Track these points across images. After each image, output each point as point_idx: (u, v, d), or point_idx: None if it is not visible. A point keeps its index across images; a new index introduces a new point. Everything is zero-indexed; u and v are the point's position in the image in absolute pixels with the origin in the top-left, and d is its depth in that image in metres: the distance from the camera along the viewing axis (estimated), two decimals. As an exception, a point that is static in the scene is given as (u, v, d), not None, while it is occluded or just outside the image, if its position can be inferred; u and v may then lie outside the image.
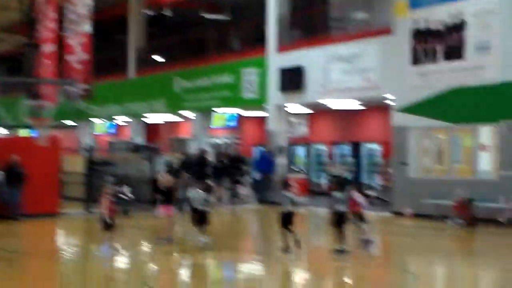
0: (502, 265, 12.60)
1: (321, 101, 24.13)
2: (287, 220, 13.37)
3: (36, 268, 13.29)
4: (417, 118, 20.03)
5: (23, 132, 35.35)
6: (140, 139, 32.41)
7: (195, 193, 14.90)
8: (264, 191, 24.54)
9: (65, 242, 17.23)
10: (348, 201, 13.02)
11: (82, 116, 33.48)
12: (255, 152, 26.55)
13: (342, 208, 13.01)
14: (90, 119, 35.88)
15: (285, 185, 13.81)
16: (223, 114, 29.43)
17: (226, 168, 24.86)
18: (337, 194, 13.16)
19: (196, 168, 24.51)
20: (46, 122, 21.43)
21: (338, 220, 13.01)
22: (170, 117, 34.30)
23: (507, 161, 17.90)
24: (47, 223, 20.09)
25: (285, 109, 25.64)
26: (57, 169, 22.44)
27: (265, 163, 24.58)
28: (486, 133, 19.01)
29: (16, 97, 35.48)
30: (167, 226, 15.43)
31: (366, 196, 22.79)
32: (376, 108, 26.40)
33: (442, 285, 11.55)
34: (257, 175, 25.14)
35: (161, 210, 15.45)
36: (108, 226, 13.92)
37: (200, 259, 13.46)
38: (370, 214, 20.50)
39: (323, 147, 28.41)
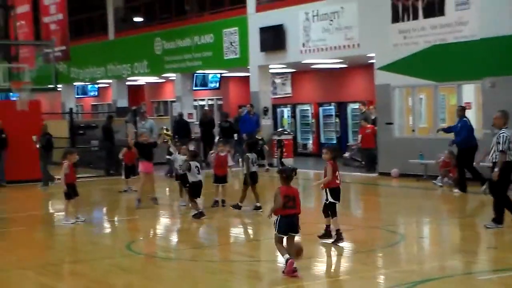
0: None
1: (304, 60, 24.08)
2: (253, 180, 14.44)
3: (20, 234, 13.32)
4: (401, 76, 20.05)
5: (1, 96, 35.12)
6: (123, 102, 32.23)
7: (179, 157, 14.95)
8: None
9: (49, 208, 17.26)
10: None
11: (63, 79, 33.18)
12: (239, 113, 26.48)
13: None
14: (71, 82, 35.60)
15: (250, 146, 14.85)
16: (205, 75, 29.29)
17: (232, 128, 24.94)
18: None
19: (204, 129, 24.78)
20: (26, 86, 21.23)
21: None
22: (152, 79, 34.16)
23: (490, 119, 17.98)
24: (30, 189, 20.10)
25: (268, 69, 25.57)
26: (39, 134, 22.40)
27: (250, 125, 24.57)
28: (469, 91, 19.09)
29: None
30: (148, 184, 15.42)
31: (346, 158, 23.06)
32: (359, 67, 26.42)
33: (427, 244, 11.69)
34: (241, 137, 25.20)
35: (140, 167, 15.49)
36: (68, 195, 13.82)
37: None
38: (357, 175, 20.83)
39: (307, 107, 28.44)
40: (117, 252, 11.33)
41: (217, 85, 29.70)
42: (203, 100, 33.92)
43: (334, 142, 26.93)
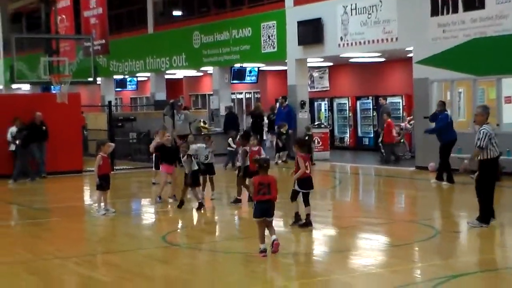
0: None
1: (341, 54, 23.95)
2: (247, 174, 14.17)
3: (58, 225, 13.51)
4: (439, 70, 19.83)
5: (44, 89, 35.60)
6: (161, 95, 32.45)
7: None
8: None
9: (90, 200, 17.44)
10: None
11: (102, 72, 33.49)
12: (274, 107, 26.50)
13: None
14: (110, 75, 35.90)
15: (244, 138, 14.76)
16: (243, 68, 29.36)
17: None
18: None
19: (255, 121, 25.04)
20: (66, 79, 21.49)
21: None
22: (191, 73, 34.29)
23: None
24: (69, 181, 20.36)
25: (306, 63, 25.50)
26: (79, 126, 22.72)
27: (280, 117, 24.58)
28: (509, 84, 18.79)
29: (35, 55, 35.61)
30: (172, 185, 15.44)
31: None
32: (398, 60, 26.20)
33: (463, 239, 11.56)
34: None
35: (162, 168, 15.54)
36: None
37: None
38: (393, 169, 20.70)
39: (345, 101, 28.30)
40: (152, 243, 11.41)
41: (255, 78, 29.72)
42: (240, 93, 33.99)
43: (371, 135, 26.80)
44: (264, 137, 27.19)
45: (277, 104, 26.06)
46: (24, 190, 18.78)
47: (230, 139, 21.28)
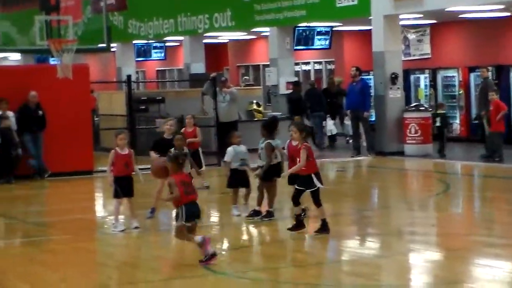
0: None
1: (448, 8, 23.77)
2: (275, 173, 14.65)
3: (64, 245, 13.72)
4: None
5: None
6: (198, 67, 32.67)
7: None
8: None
9: (103, 211, 17.67)
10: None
11: (118, 36, 33.86)
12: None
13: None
14: (129, 39, 36.25)
15: (269, 129, 14.69)
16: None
17: None
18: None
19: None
20: (70, 45, 21.65)
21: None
22: (238, 35, 34.40)
23: None
24: (78, 185, 20.62)
25: (398, 21, 25.36)
26: (89, 111, 22.89)
27: (353, 97, 24.89)
28: None
29: (26, 11, 36.14)
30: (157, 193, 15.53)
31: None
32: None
33: None
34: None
35: None
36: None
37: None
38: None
39: (454, 73, 28.08)
40: (188, 270, 11.52)
41: (327, 43, 29.68)
42: (307, 63, 34.02)
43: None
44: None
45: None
46: (15, 198, 19.13)
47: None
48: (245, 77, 35.46)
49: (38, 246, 13.62)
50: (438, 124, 23.68)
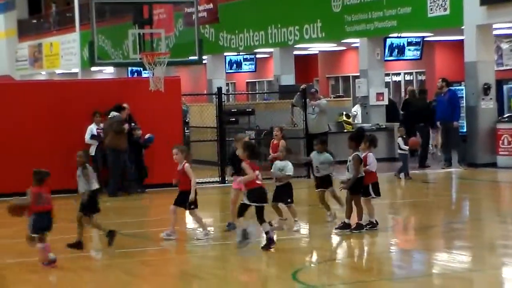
0: None
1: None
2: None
3: (158, 256, 13.88)
4: None
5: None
6: (288, 78, 32.74)
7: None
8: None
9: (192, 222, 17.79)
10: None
11: (209, 49, 34.12)
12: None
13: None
14: (220, 52, 36.51)
15: (357, 140, 14.52)
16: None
17: None
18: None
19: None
20: (162, 58, 21.87)
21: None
22: (328, 47, 34.39)
23: None
24: (170, 197, 20.78)
25: (491, 30, 25.07)
26: (180, 122, 23.14)
27: (441, 107, 24.62)
28: None
29: (119, 25, 36.66)
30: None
31: None
32: None
33: None
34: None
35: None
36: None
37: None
38: None
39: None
40: (280, 283, 11.53)
41: (418, 53, 29.48)
42: (397, 74, 33.82)
43: None
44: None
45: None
46: (112, 209, 19.42)
47: (400, 138, 22.20)
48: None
49: (130, 257, 13.77)
50: None
